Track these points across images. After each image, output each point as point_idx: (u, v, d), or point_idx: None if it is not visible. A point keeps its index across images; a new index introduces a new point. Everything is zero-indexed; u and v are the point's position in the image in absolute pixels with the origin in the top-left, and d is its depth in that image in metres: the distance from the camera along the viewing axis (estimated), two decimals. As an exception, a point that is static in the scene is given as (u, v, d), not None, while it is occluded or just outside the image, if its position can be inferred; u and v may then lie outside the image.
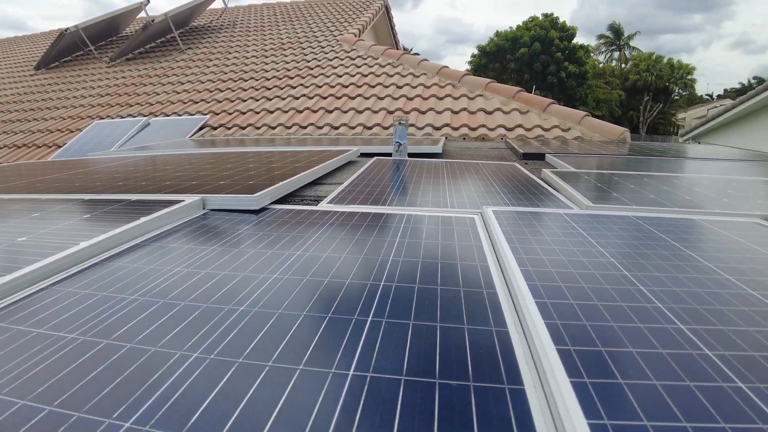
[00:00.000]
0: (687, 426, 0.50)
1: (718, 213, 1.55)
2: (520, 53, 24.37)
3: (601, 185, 1.93)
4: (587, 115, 4.67)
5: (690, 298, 0.83)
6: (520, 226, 1.27)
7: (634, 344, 0.66)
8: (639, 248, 1.10)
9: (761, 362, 0.64)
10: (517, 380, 0.60)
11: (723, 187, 2.02)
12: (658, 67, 27.55)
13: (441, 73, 6.26)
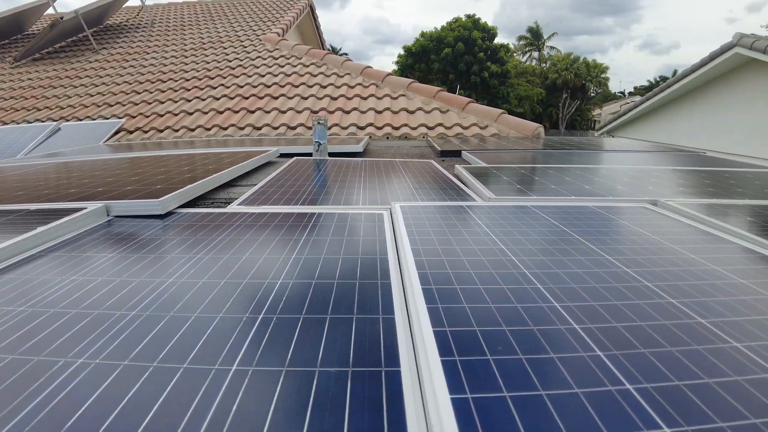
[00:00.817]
0: (542, 394, 0.55)
1: (611, 200, 1.67)
2: (444, 53, 24.94)
3: (508, 178, 2.02)
4: (503, 112, 4.86)
5: (569, 279, 0.90)
6: (424, 219, 1.32)
7: (507, 323, 0.71)
8: (530, 235, 1.17)
9: (622, 332, 0.70)
10: (394, 363, 0.62)
11: (620, 177, 2.17)
12: (575, 66, 29.02)
13: (364, 73, 6.31)
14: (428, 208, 1.45)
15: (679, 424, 0.50)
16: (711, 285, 0.88)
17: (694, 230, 1.28)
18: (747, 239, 1.21)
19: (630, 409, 0.52)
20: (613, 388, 0.57)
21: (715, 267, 0.99)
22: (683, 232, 1.26)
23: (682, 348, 0.66)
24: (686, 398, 0.54)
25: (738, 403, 0.53)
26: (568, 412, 0.51)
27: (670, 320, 0.74)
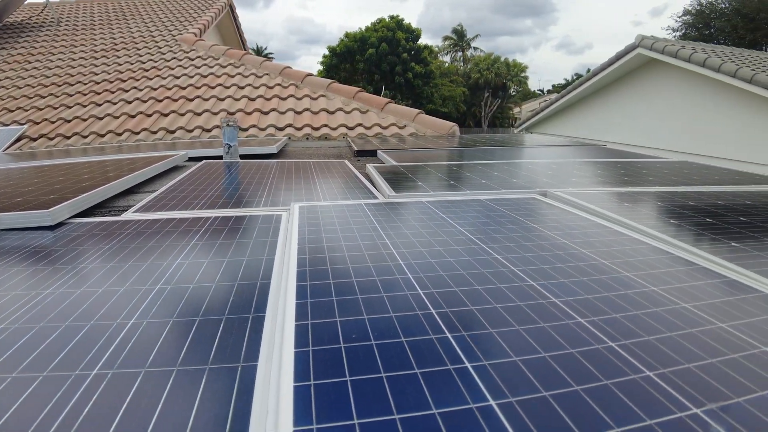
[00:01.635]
0: (383, 376, 0.58)
1: (504, 192, 1.76)
2: (368, 54, 25.10)
3: (413, 176, 2.08)
4: (420, 112, 4.98)
5: (439, 266, 0.95)
6: (320, 218, 1.34)
7: (369, 312, 0.75)
8: (416, 228, 1.22)
9: (476, 314, 0.75)
10: (254, 357, 0.64)
11: (521, 170, 2.29)
12: (496, 66, 30.05)
13: (284, 73, 6.25)
14: (327, 207, 1.48)
15: (506, 395, 0.55)
16: (574, 267, 0.96)
17: (575, 217, 1.39)
18: (621, 224, 1.32)
19: (462, 384, 0.56)
20: (452, 366, 0.61)
21: (583, 251, 1.07)
22: (564, 219, 1.36)
23: (528, 326, 0.72)
24: (520, 372, 0.59)
25: (566, 373, 0.59)
26: (405, 391, 0.55)
27: (525, 301, 0.80)
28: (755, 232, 1.28)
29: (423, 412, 0.50)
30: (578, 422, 0.49)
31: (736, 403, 0.52)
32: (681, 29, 23.83)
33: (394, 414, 0.50)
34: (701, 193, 1.79)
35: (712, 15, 22.59)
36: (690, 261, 1.02)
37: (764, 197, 1.76)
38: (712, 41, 20.87)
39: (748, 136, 7.56)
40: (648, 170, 2.41)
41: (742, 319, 0.74)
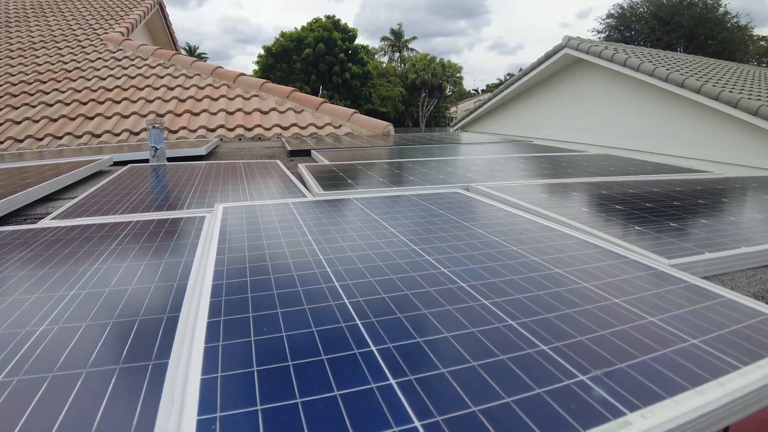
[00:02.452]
0: (289, 365, 0.61)
1: (429, 188, 1.82)
2: (305, 54, 24.89)
3: (344, 174, 2.11)
4: (355, 112, 5.01)
5: (357, 260, 0.98)
6: (244, 218, 1.34)
7: (283, 305, 0.77)
8: (339, 224, 1.25)
9: (387, 301, 0.78)
10: (165, 355, 0.65)
11: (448, 167, 2.36)
12: (432, 67, 30.53)
13: (215, 73, 6.12)
14: (252, 207, 1.48)
15: (406, 374, 0.58)
16: (485, 254, 1.02)
17: (491, 208, 1.45)
18: (532, 212, 1.40)
19: (365, 365, 0.60)
20: (358, 350, 0.64)
21: (496, 239, 1.14)
22: (481, 210, 1.42)
23: (434, 309, 0.76)
24: (422, 352, 0.63)
25: (465, 351, 0.63)
26: (308, 377, 0.58)
27: (434, 287, 0.84)
28: (657, 216, 1.40)
29: (325, 395, 0.53)
30: (472, 394, 0.53)
31: (619, 368, 0.58)
32: (605, 31, 25.05)
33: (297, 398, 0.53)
34: (613, 183, 1.92)
35: (632, 18, 23.89)
36: (595, 244, 1.10)
37: (668, 185, 1.91)
38: (632, 42, 22.06)
39: (665, 130, 8.07)
40: (568, 163, 2.55)
41: (635, 294, 0.81)
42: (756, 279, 1.07)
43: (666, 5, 22.58)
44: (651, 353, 0.62)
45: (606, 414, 0.49)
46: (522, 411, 0.50)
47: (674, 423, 0.48)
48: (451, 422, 0.48)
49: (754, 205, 1.62)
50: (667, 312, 0.74)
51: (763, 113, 6.34)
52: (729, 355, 0.62)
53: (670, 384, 0.55)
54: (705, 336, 0.67)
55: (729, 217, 1.44)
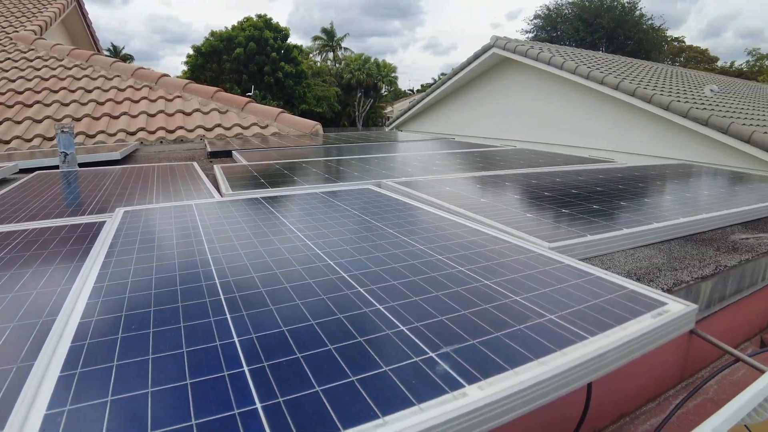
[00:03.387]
0: (149, 358, 0.59)
1: (342, 185, 1.82)
2: (236, 54, 24.33)
3: (258, 174, 2.08)
4: (282, 111, 4.95)
5: (247, 257, 0.97)
6: (141, 220, 1.30)
7: (157, 303, 0.75)
8: (239, 223, 1.23)
9: (263, 296, 0.78)
10: (33, 357, 0.62)
11: (366, 164, 2.38)
12: (367, 67, 30.61)
13: (136, 74, 5.88)
14: (153, 210, 1.43)
15: (262, 360, 0.58)
16: (376, 246, 1.03)
17: (397, 202, 1.47)
18: (432, 204, 1.43)
19: (225, 362, 0.59)
20: (222, 342, 0.63)
21: (390, 231, 1.15)
22: (385, 204, 1.44)
23: (308, 300, 0.76)
24: (283, 340, 0.63)
25: (325, 336, 0.64)
26: (163, 369, 0.56)
27: (314, 278, 0.85)
28: (553, 204, 1.46)
29: (179, 383, 0.52)
30: (319, 375, 0.53)
31: (470, 344, 0.61)
32: (533, 31, 26.03)
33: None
34: (520, 174, 1.99)
35: (558, 19, 24.94)
36: (483, 231, 1.13)
37: (571, 175, 2.00)
38: (558, 42, 23.03)
39: (588, 125, 8.47)
40: (482, 158, 2.62)
41: (507, 276, 0.85)
42: (633, 257, 1.15)
43: (588, 7, 23.73)
44: (505, 329, 0.65)
45: (444, 387, 0.51)
46: (363, 388, 0.51)
47: (509, 391, 0.51)
48: (292, 402, 0.48)
49: (645, 191, 1.73)
50: (532, 291, 0.78)
51: (674, 108, 6.77)
52: (580, 327, 0.66)
53: (516, 356, 0.58)
54: (563, 311, 0.71)
55: (620, 202, 1.52)
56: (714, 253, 1.24)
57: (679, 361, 1.12)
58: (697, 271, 1.10)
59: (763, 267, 1.34)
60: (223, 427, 0.46)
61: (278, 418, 0.47)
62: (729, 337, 1.36)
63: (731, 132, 6.21)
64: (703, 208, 1.52)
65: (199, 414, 0.48)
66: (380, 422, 0.46)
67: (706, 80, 12.02)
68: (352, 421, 0.46)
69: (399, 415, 0.47)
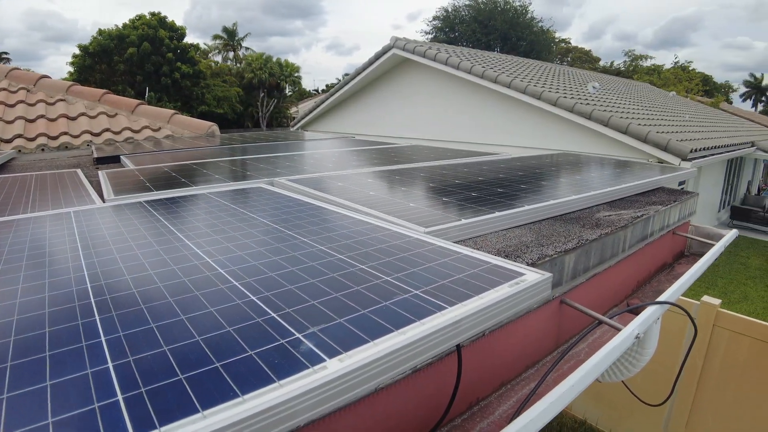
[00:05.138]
0: (47, 355, 0.57)
1: (233, 184, 1.80)
2: (129, 54, 22.89)
3: (145, 178, 2.00)
4: (175, 113, 4.76)
5: (122, 260, 0.94)
6: (10, 235, 1.21)
7: (20, 313, 0.71)
8: (118, 227, 1.19)
9: (127, 283, 0.76)
10: None
11: (260, 164, 2.35)
12: (269, 66, 30.00)
13: (11, 76, 5.38)
14: (26, 220, 1.34)
15: (127, 354, 0.58)
16: (259, 241, 1.04)
17: (287, 199, 1.48)
18: (324, 200, 1.45)
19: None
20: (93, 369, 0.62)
21: (276, 226, 1.16)
22: (275, 201, 1.44)
23: (181, 297, 0.76)
24: (150, 335, 0.62)
25: (194, 328, 0.64)
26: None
27: (189, 276, 0.84)
28: (436, 193, 1.54)
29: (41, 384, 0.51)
30: (185, 363, 0.54)
31: (337, 323, 0.64)
32: (432, 32, 26.80)
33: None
34: (410, 168, 2.07)
35: (456, 20, 25.86)
36: (366, 221, 1.18)
37: (457, 168, 2.11)
38: (456, 43, 23.93)
39: (483, 121, 8.89)
40: (378, 155, 2.69)
41: (383, 259, 0.89)
42: (504, 237, 1.24)
43: (483, 10, 24.85)
44: (371, 306, 0.68)
45: (306, 363, 0.54)
46: (226, 372, 0.52)
47: (367, 360, 0.54)
48: (154, 391, 0.49)
49: (523, 178, 1.86)
50: (403, 271, 0.83)
51: (561, 103, 7.28)
52: (441, 299, 0.71)
53: (377, 330, 0.61)
54: (427, 287, 0.76)
55: (498, 189, 1.63)
56: (579, 229, 1.37)
57: (552, 329, 1.23)
58: (561, 245, 1.21)
59: (623, 239, 1.50)
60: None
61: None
62: (599, 304, 1.51)
63: (611, 124, 6.78)
64: (573, 190, 1.66)
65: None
66: (239, 400, 0.48)
67: (589, 78, 13.03)
68: (211, 402, 0.47)
69: (259, 392, 0.49)
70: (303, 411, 0.49)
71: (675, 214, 1.94)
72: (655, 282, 1.90)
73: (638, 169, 2.25)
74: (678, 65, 28.87)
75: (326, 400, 0.51)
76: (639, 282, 1.80)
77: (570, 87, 9.68)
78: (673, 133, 7.32)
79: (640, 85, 18.01)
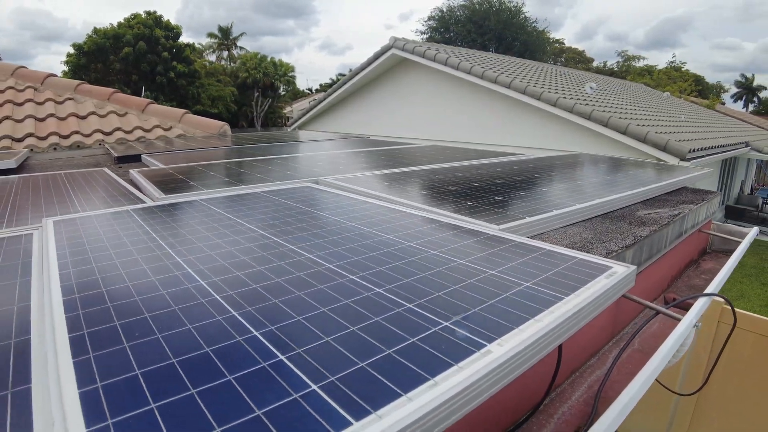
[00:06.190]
0: (174, 361, 0.60)
1: (279, 183, 1.83)
2: (124, 53, 22.73)
3: (183, 177, 2.02)
4: (186, 112, 4.76)
5: (218, 255, 0.97)
6: (81, 232, 1.23)
7: (149, 309, 0.74)
8: (191, 225, 1.22)
9: (244, 280, 0.79)
10: (25, 381, 0.59)
11: (294, 163, 2.38)
12: (263, 66, 29.92)
13: (18, 74, 5.35)
14: (88, 218, 1.36)
15: (293, 348, 0.61)
16: (345, 238, 1.07)
17: (344, 198, 1.51)
18: (381, 199, 1.49)
19: (250, 348, 0.61)
20: (241, 338, 0.65)
21: (351, 224, 1.19)
22: (333, 200, 1.48)
23: (307, 290, 0.79)
24: (304, 328, 0.66)
25: (343, 319, 0.67)
26: (198, 368, 0.57)
27: (302, 271, 0.87)
28: (485, 192, 1.58)
29: (219, 381, 0.54)
30: (357, 353, 0.57)
31: (474, 312, 0.67)
32: (427, 32, 26.89)
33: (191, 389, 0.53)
34: (446, 168, 2.11)
35: (451, 21, 25.97)
36: (436, 220, 1.21)
37: (490, 167, 2.15)
38: (451, 43, 24.04)
39: (482, 122, 8.95)
40: (403, 155, 2.73)
41: (475, 255, 0.93)
42: (566, 234, 1.29)
43: (479, 10, 24.98)
44: (495, 297, 0.72)
45: (471, 348, 0.57)
46: (403, 358, 0.56)
47: (523, 345, 0.58)
48: (343, 379, 0.52)
49: (557, 178, 1.91)
50: (502, 265, 0.86)
51: (561, 104, 7.35)
52: (554, 290, 0.75)
53: (514, 317, 0.65)
54: (535, 279, 0.80)
55: (541, 188, 1.68)
56: (628, 227, 1.42)
57: (610, 320, 1.27)
58: (620, 242, 1.26)
59: (665, 236, 1.55)
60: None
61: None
62: (643, 297, 1.56)
63: (611, 125, 6.87)
64: (611, 190, 1.71)
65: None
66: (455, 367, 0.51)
67: (585, 79, 13.15)
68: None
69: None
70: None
71: (703, 212, 2.00)
72: (686, 277, 1.95)
73: (659, 170, 2.31)
74: (673, 65, 29.25)
75: (495, 382, 0.54)
76: (672, 277, 1.85)
77: (567, 87, 9.78)
78: (671, 133, 7.42)
79: (635, 86, 18.21)
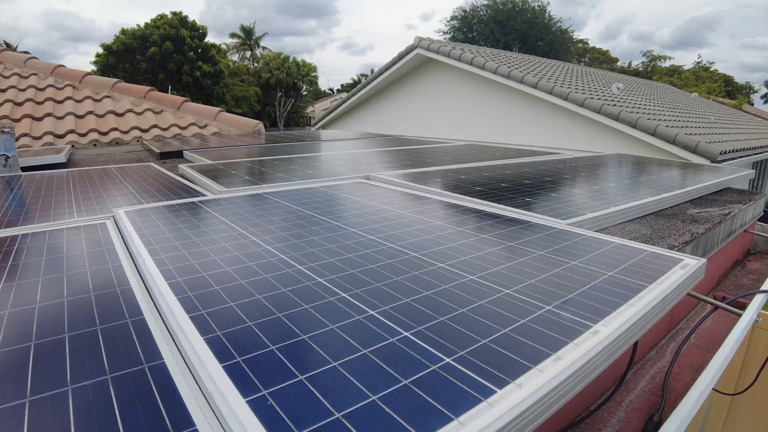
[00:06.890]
0: (305, 338, 0.64)
1: (332, 179, 1.87)
2: (151, 53, 23.14)
3: (236, 172, 2.08)
4: (222, 110, 4.85)
5: (307, 245, 1.01)
6: (155, 221, 1.29)
7: (277, 309, 0.76)
8: (267, 217, 1.26)
9: (359, 275, 0.83)
10: (156, 357, 0.62)
11: (338, 160, 2.43)
12: (287, 66, 30.14)
13: (56, 73, 5.50)
14: (158, 209, 1.42)
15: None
16: (420, 229, 1.11)
17: (399, 194, 1.55)
18: (439, 194, 1.52)
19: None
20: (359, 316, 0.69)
21: (418, 217, 1.23)
22: (387, 195, 1.52)
23: (406, 277, 0.82)
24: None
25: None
26: (331, 344, 0.61)
27: (392, 259, 0.91)
28: (538, 189, 1.60)
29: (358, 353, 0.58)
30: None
31: (571, 298, 0.70)
32: (450, 32, 26.85)
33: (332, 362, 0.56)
34: (492, 166, 2.14)
35: (474, 20, 25.90)
36: (501, 215, 1.24)
37: (533, 165, 2.17)
38: (475, 43, 23.98)
39: (509, 122, 8.92)
40: (443, 152, 2.76)
41: (553, 247, 0.96)
42: (625, 230, 1.31)
43: (502, 10, 24.87)
44: (585, 285, 0.75)
45: (579, 328, 0.60)
46: (522, 337, 0.59)
47: (626, 326, 0.61)
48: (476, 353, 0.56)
49: (602, 176, 1.92)
50: (581, 257, 0.89)
51: (588, 104, 7.30)
52: (636, 279, 0.78)
53: (611, 303, 0.68)
54: (615, 270, 0.83)
55: (591, 186, 1.69)
56: (683, 224, 1.43)
57: (667, 315, 1.29)
58: (679, 237, 1.27)
59: (718, 234, 1.56)
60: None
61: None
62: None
63: (639, 126, 6.80)
64: (660, 188, 1.72)
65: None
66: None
67: (611, 79, 13.01)
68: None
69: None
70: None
71: (750, 212, 1.99)
72: (733, 276, 1.95)
73: (700, 171, 2.30)
74: (700, 66, 28.74)
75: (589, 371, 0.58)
76: (720, 276, 1.85)
77: (594, 88, 9.69)
78: (701, 134, 7.31)
79: (662, 86, 17.94)
